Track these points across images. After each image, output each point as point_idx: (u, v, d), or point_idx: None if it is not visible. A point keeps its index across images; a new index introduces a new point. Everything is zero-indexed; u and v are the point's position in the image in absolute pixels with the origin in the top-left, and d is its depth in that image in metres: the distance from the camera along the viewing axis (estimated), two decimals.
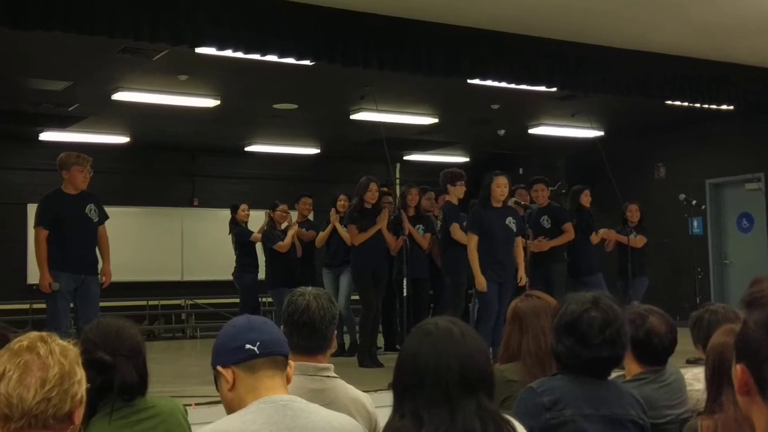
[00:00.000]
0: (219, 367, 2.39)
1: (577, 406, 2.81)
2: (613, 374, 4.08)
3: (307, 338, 3.09)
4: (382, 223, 8.80)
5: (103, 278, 7.49)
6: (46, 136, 13.01)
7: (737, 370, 1.53)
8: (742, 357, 1.52)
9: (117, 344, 2.81)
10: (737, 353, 1.56)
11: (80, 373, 2.10)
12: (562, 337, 2.91)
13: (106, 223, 7.66)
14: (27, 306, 12.40)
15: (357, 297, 9.29)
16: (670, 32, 8.83)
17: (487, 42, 8.63)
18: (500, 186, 8.12)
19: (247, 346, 2.35)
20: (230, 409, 2.38)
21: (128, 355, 2.81)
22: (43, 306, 7.66)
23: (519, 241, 8.18)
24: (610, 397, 2.90)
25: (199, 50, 7.82)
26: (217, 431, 2.27)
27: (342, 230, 9.30)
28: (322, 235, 9.78)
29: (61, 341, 2.12)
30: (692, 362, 6.00)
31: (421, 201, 9.57)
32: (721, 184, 13.61)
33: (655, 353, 3.54)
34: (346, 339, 9.81)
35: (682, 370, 3.85)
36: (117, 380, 2.76)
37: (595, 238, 9.92)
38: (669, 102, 10.44)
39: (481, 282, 7.82)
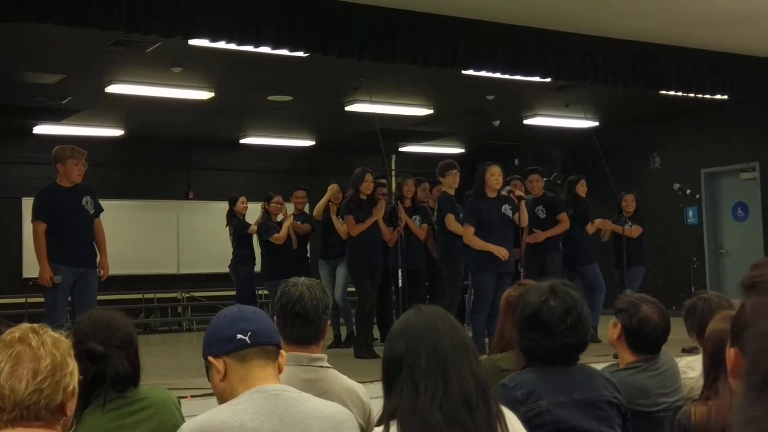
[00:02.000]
0: (210, 358, 2.40)
1: (551, 395, 2.83)
2: (603, 363, 4.10)
3: (300, 328, 3.10)
4: (379, 214, 8.80)
5: (101, 271, 7.48)
6: (40, 129, 12.99)
7: (730, 353, 1.53)
8: (737, 340, 1.52)
9: (109, 334, 2.82)
10: (732, 336, 1.55)
11: (72, 365, 2.10)
12: (525, 331, 2.94)
13: (102, 216, 7.65)
14: (23, 300, 12.38)
15: (353, 288, 9.29)
16: (663, 22, 8.83)
17: (482, 32, 8.62)
18: (494, 175, 8.14)
19: (239, 336, 2.35)
20: (222, 399, 2.38)
21: (120, 346, 2.81)
22: (40, 300, 7.64)
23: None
24: (581, 382, 2.92)
25: (193, 42, 7.82)
26: (208, 421, 2.27)
27: (337, 223, 9.30)
28: (319, 206, 9.73)
29: (53, 333, 2.12)
30: (688, 351, 6.02)
31: (416, 192, 9.57)
32: (716, 174, 13.62)
33: (648, 342, 3.55)
34: (343, 330, 9.81)
35: (677, 359, 3.86)
36: (109, 371, 2.76)
37: (590, 228, 9.91)
38: (663, 92, 10.44)
39: (499, 250, 7.88)
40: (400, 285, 8.35)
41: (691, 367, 3.83)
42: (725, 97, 10.82)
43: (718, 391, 2.91)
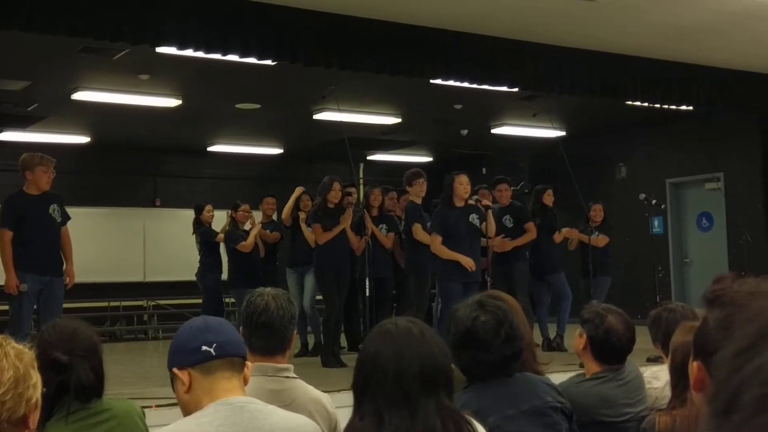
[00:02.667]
0: (175, 369, 2.37)
1: (498, 409, 2.80)
2: (570, 373, 4.12)
3: (266, 338, 3.08)
4: (346, 222, 8.79)
5: (67, 279, 7.41)
6: (5, 136, 12.84)
7: (693, 366, 1.54)
8: (699, 354, 1.54)
9: (73, 344, 2.78)
10: (695, 350, 1.57)
11: (35, 377, 2.08)
12: (461, 351, 2.88)
13: (68, 223, 7.59)
14: None
15: (321, 297, 9.28)
16: (630, 34, 8.90)
17: (450, 42, 8.65)
18: (462, 184, 8.15)
19: (204, 347, 2.33)
20: (186, 411, 2.36)
21: (84, 356, 2.78)
22: (4, 308, 7.56)
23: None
24: (525, 392, 2.90)
25: (160, 50, 7.78)
26: None
27: (306, 231, 9.29)
28: (287, 209, 9.72)
29: (16, 344, 2.09)
30: (653, 360, 6.07)
31: (384, 201, 9.58)
32: (681, 184, 13.76)
33: (613, 352, 3.56)
34: (311, 339, 9.79)
35: (642, 369, 3.89)
36: (73, 381, 2.73)
37: (557, 237, 9.97)
38: (629, 102, 10.53)
39: (466, 260, 7.87)
40: (367, 294, 8.34)
41: (656, 377, 3.85)
42: (690, 108, 10.93)
43: (685, 401, 2.93)
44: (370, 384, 2.19)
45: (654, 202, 10.55)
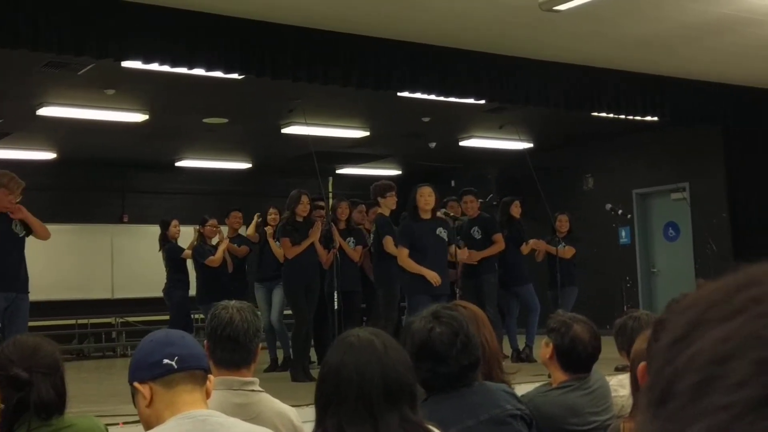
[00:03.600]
0: (136, 383, 2.35)
1: (459, 420, 2.79)
2: (538, 383, 4.13)
3: (231, 352, 3.06)
4: (315, 236, 8.77)
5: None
6: None
7: (640, 368, 1.56)
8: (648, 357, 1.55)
9: (34, 361, 2.75)
10: (646, 354, 1.59)
11: None
12: (418, 363, 2.80)
13: (30, 242, 7.50)
14: None
15: (290, 311, 9.25)
16: (594, 45, 8.97)
17: (417, 55, 8.68)
18: (424, 195, 8.07)
19: (165, 360, 2.31)
20: (148, 426, 2.34)
21: (45, 372, 2.75)
22: None
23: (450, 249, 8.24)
24: (484, 401, 2.89)
25: (126, 64, 7.74)
26: None
27: (274, 246, 9.26)
28: (250, 231, 9.74)
29: None
30: (621, 369, 6.10)
31: (351, 214, 9.57)
32: (648, 194, 13.86)
33: (579, 361, 3.58)
34: (280, 354, 9.75)
35: (608, 377, 3.91)
36: (33, 398, 2.69)
37: (525, 249, 10.00)
38: (595, 113, 10.61)
39: (432, 275, 7.83)
40: (335, 307, 8.32)
41: (621, 386, 3.87)
42: (655, 118, 11.03)
43: None
44: (332, 398, 2.17)
45: (620, 212, 10.63)
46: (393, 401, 2.16)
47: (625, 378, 3.93)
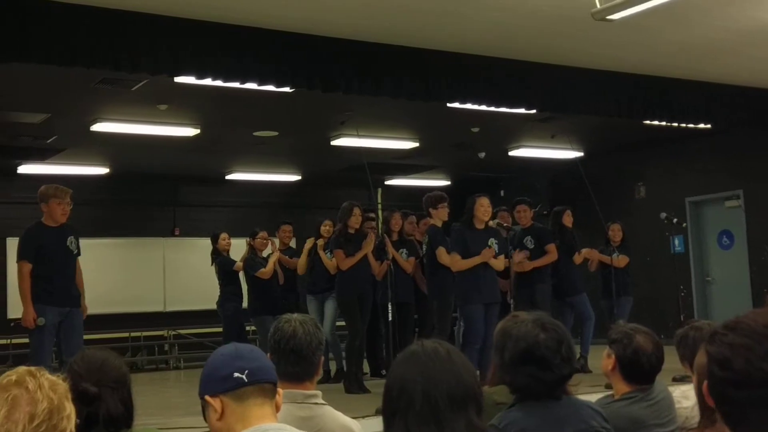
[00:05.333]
0: (207, 397, 2.35)
1: (543, 431, 2.79)
2: (596, 394, 4.08)
3: (294, 365, 3.07)
4: (369, 247, 8.77)
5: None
6: (24, 169, 12.95)
7: (705, 388, 1.56)
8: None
9: (102, 375, 2.77)
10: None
11: (69, 408, 2.08)
12: (519, 366, 2.86)
13: (83, 257, 7.60)
14: (7, 341, 12.27)
15: (342, 323, 9.25)
16: (646, 53, 8.88)
17: (466, 66, 8.66)
18: (483, 206, 8.20)
19: (236, 374, 2.32)
20: None
21: (113, 387, 2.77)
22: (25, 341, 7.57)
23: (502, 260, 8.23)
24: (570, 415, 2.88)
25: (179, 79, 7.82)
26: None
27: (325, 258, 9.28)
28: (301, 261, 9.77)
29: (50, 376, 2.09)
30: (678, 380, 6.01)
31: (404, 225, 9.57)
32: (701, 202, 13.69)
33: (642, 372, 3.53)
34: (332, 365, 9.75)
35: (670, 388, 3.85)
36: (102, 412, 2.72)
37: (578, 258, 9.92)
38: (647, 122, 10.51)
39: (483, 254, 7.96)
40: (389, 319, 8.31)
41: (685, 397, 3.82)
42: (708, 126, 10.89)
43: (715, 421, 2.90)
44: (399, 405, 2.18)
45: (675, 220, 10.50)
46: (459, 406, 2.17)
47: (688, 389, 3.87)
